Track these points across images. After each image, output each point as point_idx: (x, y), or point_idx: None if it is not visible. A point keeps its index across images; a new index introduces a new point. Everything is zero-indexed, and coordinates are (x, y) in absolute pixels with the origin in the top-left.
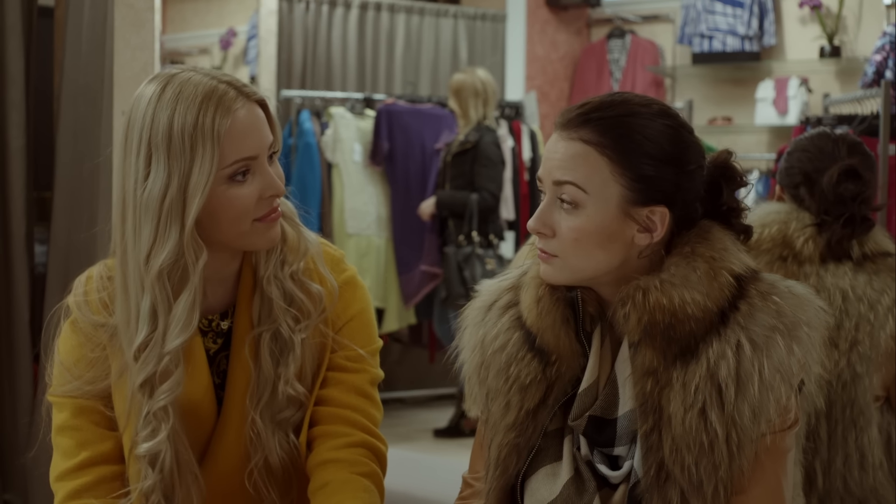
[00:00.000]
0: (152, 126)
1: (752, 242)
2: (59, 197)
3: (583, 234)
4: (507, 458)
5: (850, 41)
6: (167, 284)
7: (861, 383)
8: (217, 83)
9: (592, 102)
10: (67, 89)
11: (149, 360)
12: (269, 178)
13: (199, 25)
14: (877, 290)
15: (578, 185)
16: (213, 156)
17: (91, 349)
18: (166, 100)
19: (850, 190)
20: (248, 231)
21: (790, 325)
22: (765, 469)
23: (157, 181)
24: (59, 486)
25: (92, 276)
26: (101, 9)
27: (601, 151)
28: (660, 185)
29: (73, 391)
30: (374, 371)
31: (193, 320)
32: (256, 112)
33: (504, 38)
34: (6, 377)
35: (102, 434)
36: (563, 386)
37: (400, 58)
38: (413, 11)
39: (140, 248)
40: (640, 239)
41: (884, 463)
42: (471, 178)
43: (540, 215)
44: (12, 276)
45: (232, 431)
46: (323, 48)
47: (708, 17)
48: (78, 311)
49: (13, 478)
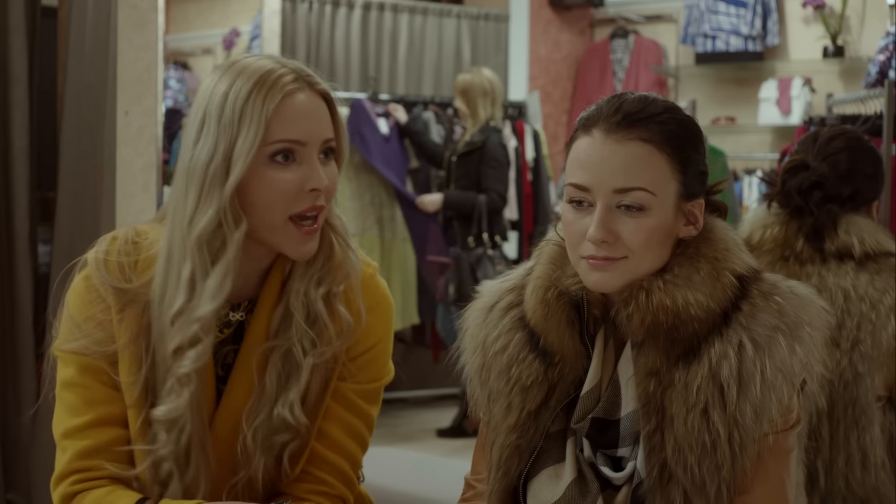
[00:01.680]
0: (210, 96)
1: (755, 243)
2: (63, 197)
3: (651, 233)
4: (508, 459)
5: (853, 41)
6: (206, 252)
7: (863, 382)
8: (279, 67)
9: (629, 103)
10: (71, 89)
11: (183, 325)
12: (314, 170)
13: (203, 25)
14: (879, 290)
15: (647, 189)
16: (259, 130)
17: (101, 309)
18: (229, 75)
19: (795, 182)
20: (280, 227)
21: (792, 325)
22: (768, 469)
23: (205, 147)
24: (67, 443)
25: (117, 238)
26: (105, 9)
27: (661, 149)
28: (699, 176)
29: (79, 349)
30: (375, 412)
31: (224, 289)
32: (315, 101)
33: (507, 38)
34: (10, 377)
35: (111, 395)
36: (566, 387)
37: (403, 58)
38: (416, 11)
39: (185, 213)
40: (684, 232)
41: (886, 462)
42: (476, 178)
43: (602, 224)
44: (16, 276)
45: (223, 437)
46: (326, 48)
47: (711, 17)
48: (95, 268)
49: (17, 477)
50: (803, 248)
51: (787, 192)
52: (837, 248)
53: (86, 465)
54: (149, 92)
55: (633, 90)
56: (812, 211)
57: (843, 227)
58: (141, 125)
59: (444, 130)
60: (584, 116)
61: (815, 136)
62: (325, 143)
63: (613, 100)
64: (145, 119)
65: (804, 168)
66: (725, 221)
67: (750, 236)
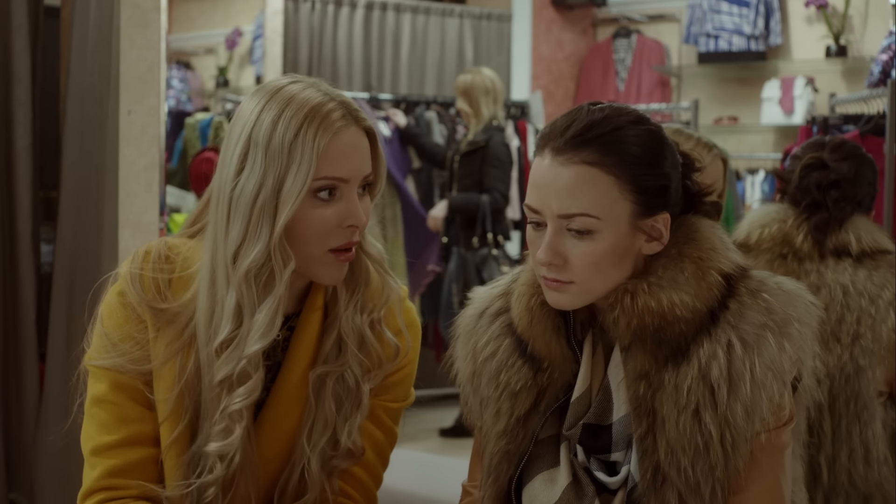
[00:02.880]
0: (255, 122)
1: (753, 242)
2: (66, 196)
3: (599, 258)
4: (498, 465)
5: (856, 41)
6: (253, 287)
7: (864, 376)
8: (328, 100)
9: (580, 122)
10: (73, 89)
11: (231, 358)
12: (353, 207)
13: (205, 25)
14: (877, 285)
15: (590, 214)
16: (311, 167)
17: (138, 329)
18: (275, 102)
19: (814, 179)
20: (318, 258)
21: (780, 322)
22: (761, 467)
23: (252, 179)
24: (96, 460)
25: (150, 252)
26: (107, 8)
27: (608, 171)
28: (660, 192)
29: (114, 366)
30: (397, 431)
31: (274, 327)
32: (360, 138)
33: (510, 38)
34: (12, 376)
35: (143, 413)
36: (555, 392)
37: (405, 58)
38: (419, 11)
39: (229, 245)
40: (648, 248)
41: (888, 458)
42: (479, 178)
43: (550, 246)
44: (18, 276)
45: (270, 458)
46: (329, 48)
47: (714, 17)
48: (131, 285)
49: (19, 477)
50: (802, 244)
51: (806, 187)
52: (835, 246)
53: (114, 484)
54: (151, 91)
55: (635, 90)
56: (828, 207)
57: (845, 226)
58: (143, 125)
59: (447, 130)
60: (540, 133)
61: (820, 143)
62: (365, 178)
63: (568, 116)
64: (148, 119)
65: (824, 167)
66: (717, 221)
67: (748, 236)
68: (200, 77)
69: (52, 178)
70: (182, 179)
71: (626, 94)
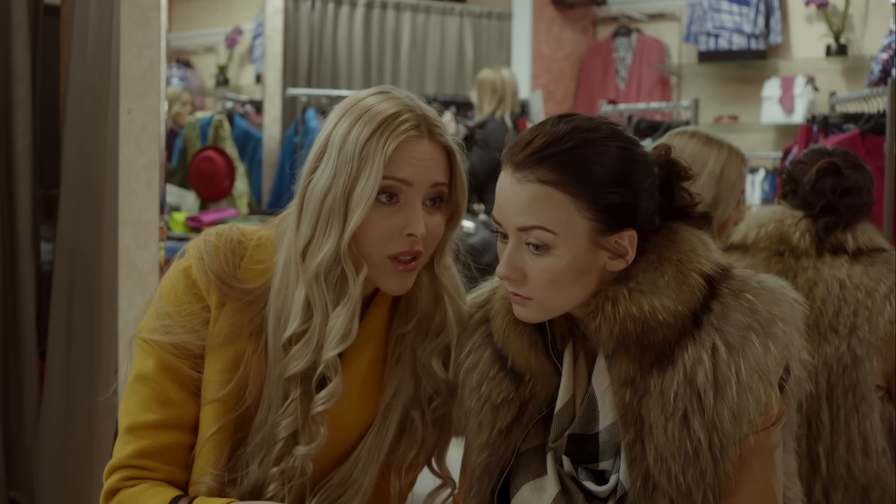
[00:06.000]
0: (335, 126)
1: (750, 242)
2: (66, 195)
3: (556, 275)
4: (480, 477)
5: (856, 39)
6: (323, 286)
7: (862, 366)
8: (405, 111)
9: (541, 137)
10: (73, 87)
11: (300, 355)
12: (414, 215)
13: (205, 24)
14: (873, 280)
15: (546, 227)
16: (379, 172)
17: (199, 307)
18: (355, 110)
19: (829, 183)
20: (377, 264)
21: (764, 322)
22: (752, 469)
23: (323, 176)
24: (129, 437)
25: (222, 234)
26: (107, 7)
27: (563, 190)
28: (624, 210)
29: (165, 343)
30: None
31: (352, 332)
32: (433, 150)
33: (510, 37)
34: (12, 375)
35: (185, 399)
36: (538, 404)
37: (406, 56)
38: (419, 10)
39: (299, 240)
40: (612, 265)
41: (887, 450)
42: (470, 164)
43: (509, 261)
44: (18, 275)
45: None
46: (329, 46)
47: (714, 16)
48: (205, 254)
49: (19, 475)
50: (799, 242)
51: (820, 190)
52: (832, 244)
53: (143, 464)
54: (151, 90)
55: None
56: (840, 211)
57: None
58: (143, 123)
59: None
60: (506, 147)
61: (825, 150)
62: (434, 187)
63: (533, 130)
64: (148, 117)
65: (839, 172)
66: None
67: (745, 236)
68: (200, 75)
69: (53, 177)
70: (182, 178)
71: (626, 93)
